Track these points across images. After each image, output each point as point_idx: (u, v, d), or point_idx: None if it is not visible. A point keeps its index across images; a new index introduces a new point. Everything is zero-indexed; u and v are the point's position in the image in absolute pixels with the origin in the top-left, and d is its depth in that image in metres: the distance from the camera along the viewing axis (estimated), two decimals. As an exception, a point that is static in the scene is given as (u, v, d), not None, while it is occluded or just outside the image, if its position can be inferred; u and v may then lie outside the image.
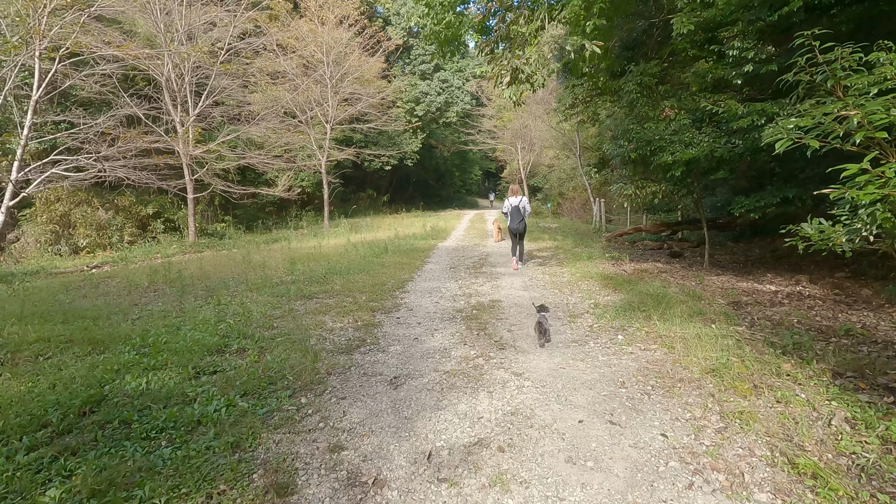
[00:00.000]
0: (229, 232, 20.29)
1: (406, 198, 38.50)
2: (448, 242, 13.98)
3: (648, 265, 8.56)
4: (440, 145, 35.31)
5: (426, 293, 6.96)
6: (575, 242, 12.43)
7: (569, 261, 9.36)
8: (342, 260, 10.21)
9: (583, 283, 7.33)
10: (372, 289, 7.15)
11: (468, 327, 5.13)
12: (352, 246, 12.47)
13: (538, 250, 11.50)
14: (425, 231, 16.84)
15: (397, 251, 11.53)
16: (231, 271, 9.26)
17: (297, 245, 13.98)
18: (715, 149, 6.30)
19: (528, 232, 15.29)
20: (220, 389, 3.48)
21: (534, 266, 9.15)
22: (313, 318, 5.56)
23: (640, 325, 4.91)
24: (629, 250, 11.43)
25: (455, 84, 29.89)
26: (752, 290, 6.46)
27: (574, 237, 14.08)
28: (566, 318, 5.37)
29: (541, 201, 36.28)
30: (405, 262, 9.75)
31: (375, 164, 28.71)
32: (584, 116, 16.84)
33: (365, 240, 14.65)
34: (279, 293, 6.94)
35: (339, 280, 7.88)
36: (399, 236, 14.98)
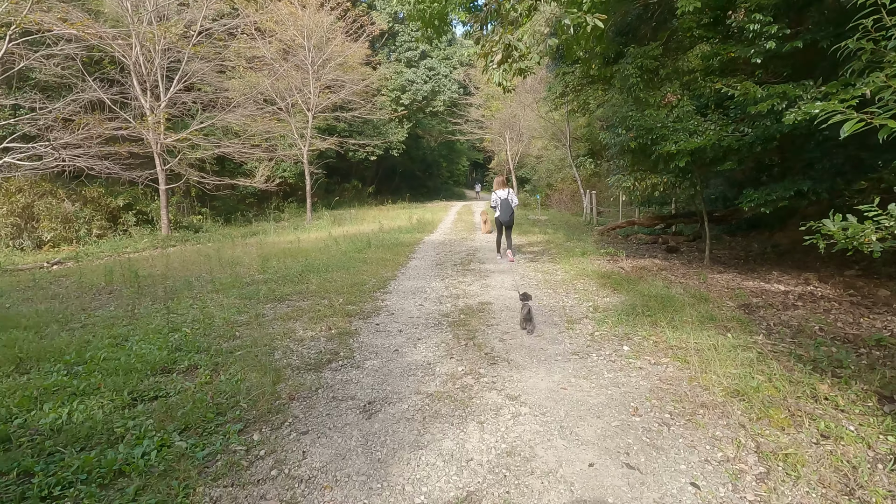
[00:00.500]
0: (206, 225, 19.45)
1: (392, 189, 37.73)
2: (435, 236, 13.40)
3: (646, 262, 8.09)
4: (427, 135, 34.55)
5: (410, 294, 6.39)
6: (566, 236, 11.95)
7: (562, 257, 8.85)
8: (321, 256, 9.58)
9: (578, 282, 6.82)
10: (351, 289, 6.56)
11: (455, 336, 4.58)
12: (333, 240, 11.82)
13: (528, 245, 10.99)
14: (411, 224, 16.23)
15: (381, 246, 10.92)
16: (200, 269, 8.58)
17: (275, 239, 13.28)
18: (722, 137, 5.81)
19: (517, 226, 14.79)
20: (156, 422, 2.89)
21: (525, 262, 8.63)
22: (282, 326, 4.97)
23: (646, 332, 4.40)
24: (623, 245, 10.98)
25: (442, 72, 29.10)
26: (760, 290, 6.02)
27: (565, 230, 13.60)
28: (563, 325, 4.85)
29: (529, 193, 35.83)
30: (388, 259, 9.16)
31: (360, 154, 27.92)
32: (574, 105, 16.37)
33: (347, 233, 14.00)
34: (248, 295, 6.31)
35: (315, 279, 7.27)
36: (383, 229, 14.36)
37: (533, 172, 34.32)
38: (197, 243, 14.36)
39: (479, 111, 28.26)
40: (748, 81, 4.70)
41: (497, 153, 33.33)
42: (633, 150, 6.88)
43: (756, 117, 5.61)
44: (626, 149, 7.03)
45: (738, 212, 10.75)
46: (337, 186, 31.29)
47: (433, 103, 29.76)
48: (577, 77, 14.58)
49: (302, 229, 16.57)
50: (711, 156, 5.98)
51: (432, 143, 36.44)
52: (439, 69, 29.02)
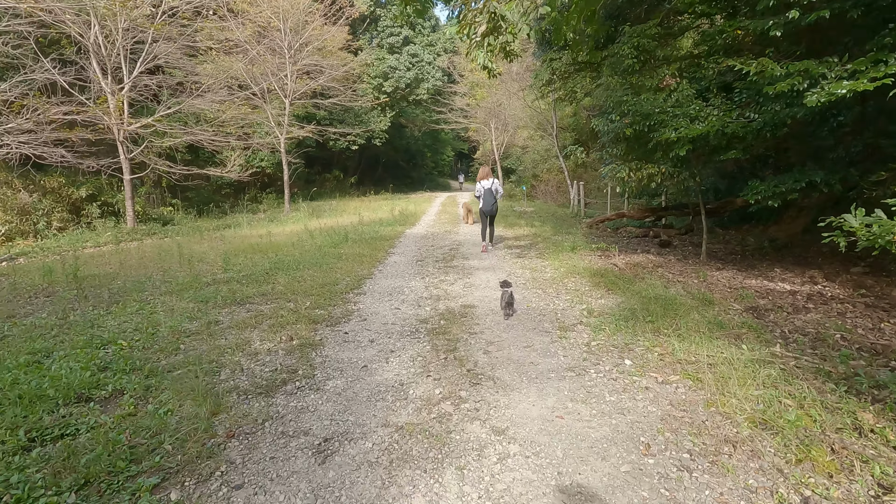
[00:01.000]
0: (177, 217, 18.50)
1: (375, 180, 36.89)
2: (417, 229, 12.79)
3: (640, 257, 7.62)
4: (410, 124, 33.74)
5: (386, 295, 5.81)
6: (554, 229, 11.45)
7: (550, 252, 8.34)
8: (293, 251, 8.92)
9: (569, 280, 6.31)
10: (321, 290, 5.95)
11: (434, 347, 4.02)
12: (308, 234, 11.14)
13: (515, 238, 10.46)
14: (393, 216, 15.58)
15: (359, 240, 10.29)
16: (159, 266, 7.87)
17: (247, 232, 12.54)
18: (726, 124, 5.31)
19: (503, 217, 14.27)
20: (49, 476, 2.27)
21: (511, 258, 8.10)
22: (237, 336, 4.35)
23: (649, 342, 3.90)
24: (613, 238, 10.52)
25: (426, 59, 28.26)
26: (764, 289, 5.57)
27: (552, 223, 13.11)
28: (556, 332, 4.33)
29: (514, 183, 35.33)
30: (366, 254, 8.55)
31: (341, 143, 27.05)
32: (561, 94, 15.84)
33: (325, 226, 13.31)
34: (205, 297, 5.66)
35: (283, 278, 6.63)
36: (363, 222, 13.70)
37: (518, 163, 33.80)
38: (164, 237, 13.53)
39: (464, 100, 27.55)
40: (764, 58, 4.20)
41: (482, 143, 32.70)
42: (629, 137, 6.36)
43: (765, 101, 5.12)
44: (620, 136, 6.50)
45: (730, 204, 10.37)
46: (318, 177, 30.38)
47: (416, 91, 28.92)
48: (565, 64, 14.05)
49: (278, 222, 15.81)
50: (714, 144, 5.48)
51: (416, 133, 35.64)
52: (423, 56, 28.17)
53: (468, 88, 26.80)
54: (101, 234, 13.57)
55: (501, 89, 23.79)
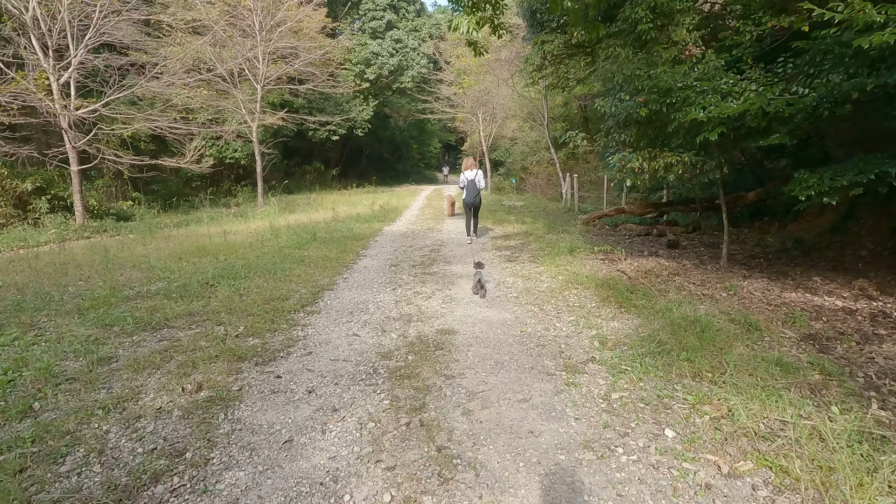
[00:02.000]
0: (139, 211, 17.10)
1: (359, 172, 35.51)
2: (396, 226, 11.61)
3: (649, 262, 6.55)
4: (395, 114, 32.38)
5: (345, 315, 4.66)
6: (547, 226, 10.36)
7: (545, 254, 7.25)
8: (249, 253, 7.71)
9: (571, 292, 5.21)
10: (265, 307, 4.78)
11: (394, 402, 2.89)
12: (272, 232, 9.90)
13: (504, 237, 9.35)
14: (372, 211, 14.37)
15: (329, 239, 9.10)
16: (82, 273, 6.60)
17: (206, 230, 11.24)
18: (768, 101, 4.23)
19: (491, 213, 13.15)
20: None
21: (501, 262, 6.99)
22: (125, 384, 3.17)
23: (692, 395, 2.81)
24: (612, 236, 9.47)
25: (410, 45, 26.87)
26: (811, 306, 4.53)
27: (545, 219, 12.03)
28: (561, 374, 3.22)
29: (503, 176, 34.24)
30: (332, 258, 7.37)
31: (321, 133, 25.65)
32: (552, 80, 14.74)
33: (296, 222, 12.07)
34: (115, 319, 4.45)
35: (224, 290, 5.44)
36: (338, 218, 12.47)
37: (507, 155, 32.68)
38: (115, 234, 12.17)
39: (451, 88, 26.25)
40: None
41: (470, 134, 31.49)
42: (642, 120, 5.26)
43: (821, 73, 4.04)
44: (631, 119, 5.40)
45: (741, 199, 9.40)
46: (297, 169, 28.97)
47: (401, 79, 27.54)
48: (558, 46, 12.94)
49: (246, 217, 14.49)
50: (752, 126, 4.40)
51: (401, 124, 34.28)
52: (407, 42, 26.77)
53: (455, 76, 25.51)
54: (42, 232, 12.16)
55: (490, 77, 22.58)
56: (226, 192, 24.08)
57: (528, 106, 21.36)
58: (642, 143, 5.66)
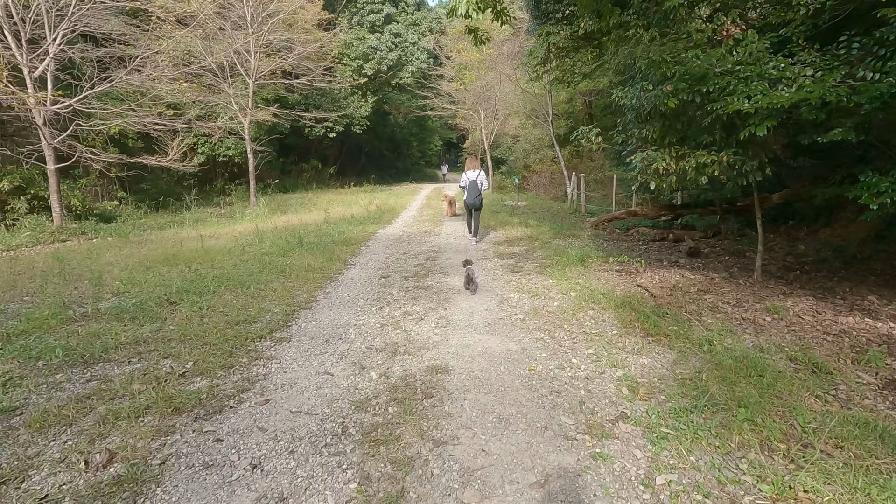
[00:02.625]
0: (126, 211, 16.38)
1: (358, 170, 34.75)
2: (391, 228, 10.86)
3: (671, 274, 5.79)
4: (395, 111, 31.59)
5: (319, 343, 3.92)
6: (553, 230, 9.61)
7: (553, 264, 6.51)
8: (225, 262, 6.99)
9: (586, 314, 4.47)
10: (226, 333, 4.04)
11: (362, 489, 2.15)
12: (257, 236, 9.17)
13: (507, 242, 8.59)
14: (367, 212, 13.62)
15: (317, 244, 8.36)
16: (33, 285, 5.87)
17: (186, 233, 10.52)
18: (828, 89, 3.47)
19: (493, 214, 12.39)
20: None
21: (503, 273, 6.24)
22: (14, 456, 2.43)
23: (766, 482, 2.07)
24: (624, 242, 8.72)
25: (409, 39, 26.05)
26: (875, 333, 3.78)
27: (550, 221, 11.28)
28: (583, 440, 2.48)
29: (504, 174, 33.46)
30: (317, 267, 6.63)
31: (317, 130, 24.89)
32: (557, 73, 14.00)
33: (285, 225, 11.34)
34: (44, 349, 3.71)
35: (185, 309, 4.71)
36: (330, 220, 11.73)
37: (509, 153, 31.90)
38: (94, 237, 11.44)
39: (452, 84, 25.45)
40: None
41: (471, 132, 30.71)
42: (668, 113, 4.51)
43: (894, 54, 3.28)
44: (656, 112, 4.65)
45: (765, 201, 8.65)
46: (294, 167, 28.21)
47: (400, 74, 26.74)
48: (564, 38, 12.18)
49: (235, 218, 13.75)
50: (811, 118, 3.64)
51: (401, 121, 33.47)
52: (406, 36, 25.94)
53: (456, 71, 24.70)
54: (15, 234, 11.44)
55: (492, 73, 21.81)
56: (219, 190, 23.35)
57: (531, 102, 20.59)
58: (667, 140, 4.90)
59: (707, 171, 4.37)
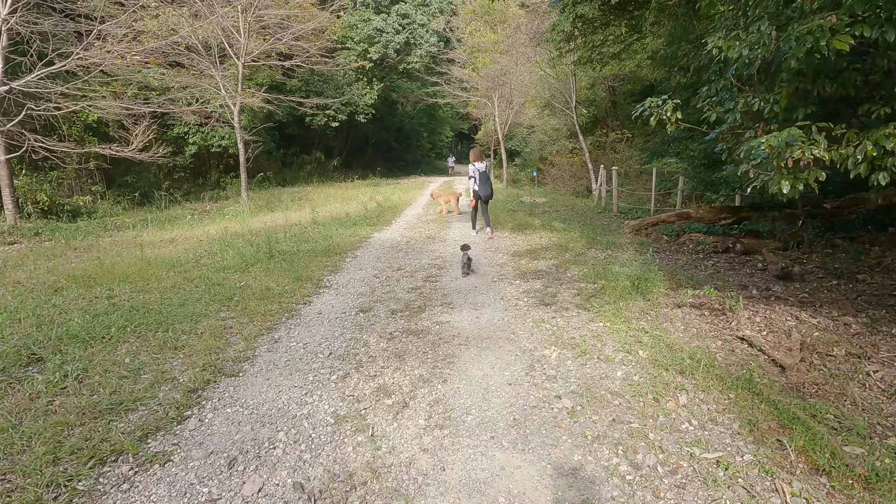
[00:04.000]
0: (102, 207, 14.88)
1: (364, 162, 33.04)
2: (389, 232, 9.12)
3: (777, 314, 3.94)
4: (403, 99, 29.74)
5: (210, 476, 2.20)
6: (585, 236, 7.80)
7: (597, 291, 4.73)
8: (165, 280, 5.32)
9: (677, 402, 2.68)
10: (66, 440, 2.35)
11: None
12: (225, 241, 7.51)
13: (529, 253, 6.79)
14: (366, 210, 11.90)
15: (292, 255, 6.69)
16: None
17: (149, 237, 8.89)
18: None
19: (509, 214, 10.57)
20: None
21: (531, 307, 4.46)
22: None
23: None
24: (679, 253, 6.89)
25: (418, 20, 24.12)
26: None
27: (578, 223, 9.45)
28: None
29: (519, 167, 31.48)
30: (277, 293, 4.92)
31: (319, 119, 23.19)
32: (583, 52, 12.12)
33: (267, 226, 9.68)
34: None
35: (50, 373, 3.04)
36: (318, 220, 10.01)
37: (524, 144, 29.94)
38: (47, 240, 9.87)
39: (464, 70, 23.52)
40: None
41: (484, 122, 28.77)
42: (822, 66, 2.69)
43: None
44: (786, 67, 2.83)
45: (860, 202, 6.82)
46: (295, 159, 26.58)
47: (408, 59, 24.84)
48: (593, 9, 10.35)
49: (212, 217, 12.10)
50: None
51: (408, 109, 31.60)
52: (415, 17, 24.00)
53: (468, 54, 22.75)
54: (-42, 235, 9.92)
55: (507, 56, 19.86)
56: (214, 183, 21.81)
57: (551, 87, 18.63)
58: (798, 114, 3.08)
59: (888, 162, 2.54)
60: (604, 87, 20.20)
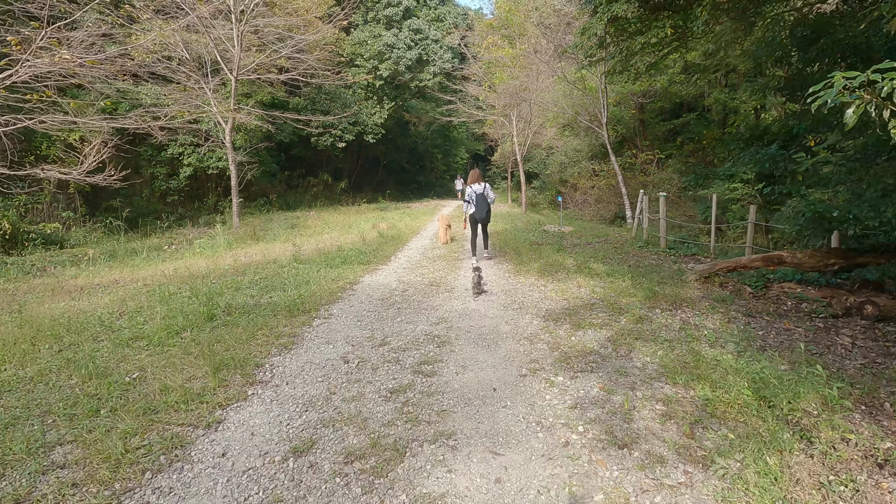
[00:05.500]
0: (77, 234, 13.40)
1: (375, 184, 31.60)
2: (383, 274, 7.25)
3: None
4: (415, 119, 28.32)
5: None
6: (641, 287, 5.84)
7: (698, 407, 2.76)
8: (32, 362, 3.52)
9: None
10: None
11: None
12: (162, 293, 5.74)
13: (567, 313, 4.83)
14: (363, 241, 10.10)
15: (247, 310, 4.88)
16: None
17: (81, 279, 7.18)
18: None
19: (532, 249, 8.71)
20: None
21: (587, 445, 2.52)
22: None
23: None
24: (780, 315, 4.88)
25: (431, 36, 22.77)
26: None
27: (621, 263, 7.49)
28: None
29: (537, 189, 29.66)
30: (179, 400, 3.06)
31: (326, 139, 21.77)
32: (619, 59, 10.34)
33: (233, 265, 7.93)
34: None
35: None
36: (300, 257, 8.20)
37: (543, 167, 28.18)
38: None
39: (479, 88, 21.97)
40: None
41: (501, 143, 27.13)
42: None
43: None
44: None
45: None
46: (301, 181, 25.16)
47: (420, 76, 23.43)
48: (632, 8, 8.56)
49: (183, 251, 10.41)
50: None
51: (421, 129, 30.13)
52: (427, 33, 22.63)
53: (484, 72, 21.21)
54: None
55: (527, 70, 18.26)
56: (211, 207, 20.39)
57: (575, 104, 16.90)
58: None
59: None
60: (634, 103, 18.39)
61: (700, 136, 16.90)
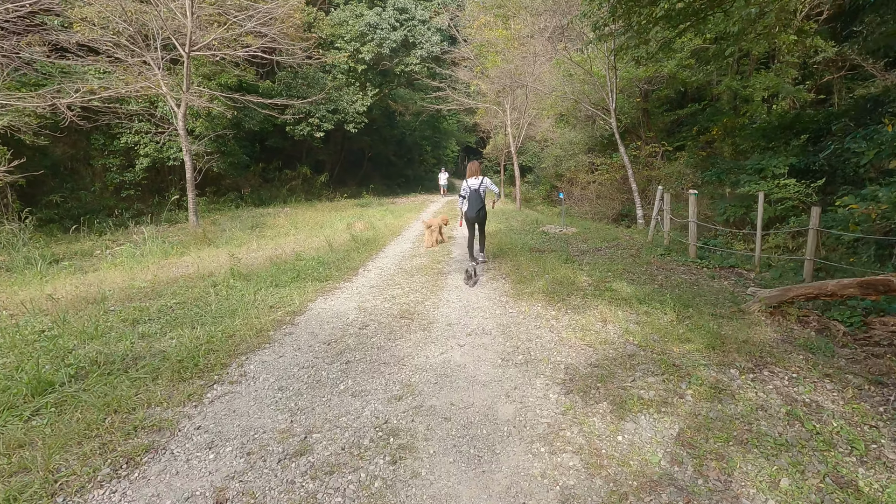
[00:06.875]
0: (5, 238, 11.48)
1: (360, 178, 29.74)
2: (342, 296, 5.51)
3: None
4: (402, 108, 26.45)
5: None
6: (695, 328, 4.19)
7: None
8: None
9: None
10: None
11: None
12: (13, 338, 3.99)
13: (596, 375, 3.16)
14: (330, 247, 8.36)
15: (122, 367, 3.14)
16: None
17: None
18: None
19: (534, 258, 7.04)
20: None
21: None
22: None
23: None
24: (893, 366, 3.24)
25: (418, 16, 20.87)
26: None
27: (649, 280, 5.83)
28: None
29: (531, 184, 28.07)
30: None
31: (302, 128, 19.88)
32: (628, 37, 8.68)
33: (152, 281, 6.16)
34: None
35: None
36: (240, 270, 6.43)
37: (537, 160, 26.57)
38: None
39: (471, 73, 20.14)
40: None
41: (493, 134, 25.39)
42: None
43: None
44: None
45: None
46: (277, 174, 23.22)
47: (406, 60, 21.53)
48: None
49: (105, 261, 8.56)
50: None
51: (408, 119, 28.26)
52: (414, 13, 20.71)
53: (476, 54, 19.39)
54: None
55: (523, 49, 16.50)
56: (174, 203, 18.45)
57: (575, 90, 15.20)
58: None
59: None
60: (639, 90, 16.75)
61: (712, 127, 15.31)
